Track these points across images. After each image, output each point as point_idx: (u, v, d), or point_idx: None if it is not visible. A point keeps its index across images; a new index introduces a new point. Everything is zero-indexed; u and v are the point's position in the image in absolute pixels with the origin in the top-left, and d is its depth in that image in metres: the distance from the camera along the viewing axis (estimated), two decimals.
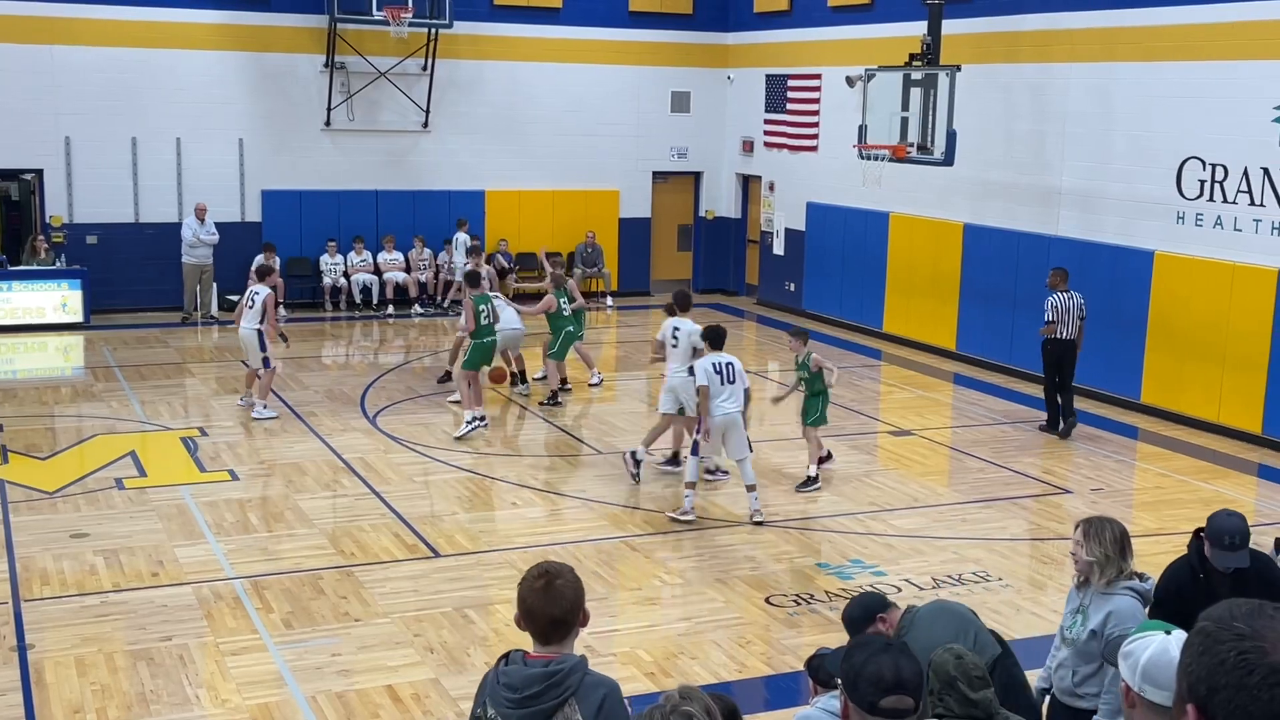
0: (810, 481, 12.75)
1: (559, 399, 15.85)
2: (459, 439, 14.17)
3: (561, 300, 15.73)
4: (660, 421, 13.18)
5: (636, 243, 24.70)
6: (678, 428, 13.19)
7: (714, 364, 11.45)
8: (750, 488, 11.62)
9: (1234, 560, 6.13)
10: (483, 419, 14.61)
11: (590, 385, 16.76)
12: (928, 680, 4.26)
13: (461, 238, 21.73)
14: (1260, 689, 1.83)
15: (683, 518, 11.56)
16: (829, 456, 13.31)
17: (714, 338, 11.80)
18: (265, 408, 14.88)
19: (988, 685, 4.24)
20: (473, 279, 15.21)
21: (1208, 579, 6.18)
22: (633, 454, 12.91)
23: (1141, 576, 5.81)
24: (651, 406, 16.16)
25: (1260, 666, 1.85)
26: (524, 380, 16.44)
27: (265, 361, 14.82)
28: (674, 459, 13.23)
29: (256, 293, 14.90)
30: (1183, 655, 1.99)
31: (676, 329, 12.95)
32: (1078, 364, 14.89)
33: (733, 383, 11.45)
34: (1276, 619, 1.90)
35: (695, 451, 11.63)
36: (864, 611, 5.22)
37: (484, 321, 14.50)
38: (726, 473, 12.88)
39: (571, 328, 15.83)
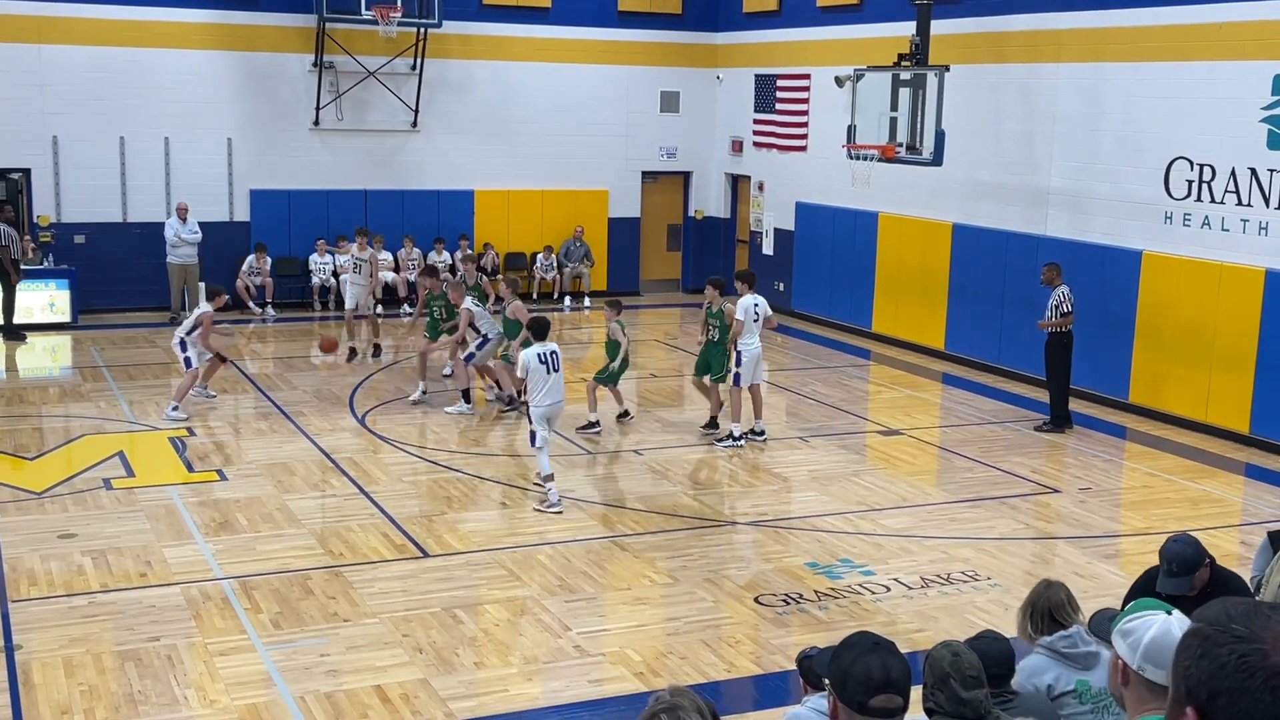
0: (739, 439, 14.08)
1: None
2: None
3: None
4: (734, 396, 14.19)
5: (626, 242, 24.69)
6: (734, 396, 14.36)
7: (540, 354, 11.78)
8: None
9: (1171, 586, 5.95)
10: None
11: (444, 376, 16.98)
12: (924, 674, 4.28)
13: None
14: (1262, 692, 1.82)
15: (550, 510, 11.78)
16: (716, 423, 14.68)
17: (538, 329, 12.12)
18: (176, 409, 14.77)
19: (980, 685, 4.25)
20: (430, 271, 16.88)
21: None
22: (732, 435, 14.07)
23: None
24: (642, 407, 16.14)
25: (1262, 669, 1.83)
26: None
27: (187, 362, 15.14)
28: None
29: (198, 308, 15.43)
30: (1178, 658, 1.96)
31: (756, 304, 14.17)
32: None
33: (557, 371, 11.86)
34: (1273, 619, 1.88)
35: (534, 443, 11.82)
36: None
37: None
38: (763, 433, 14.39)
39: None
